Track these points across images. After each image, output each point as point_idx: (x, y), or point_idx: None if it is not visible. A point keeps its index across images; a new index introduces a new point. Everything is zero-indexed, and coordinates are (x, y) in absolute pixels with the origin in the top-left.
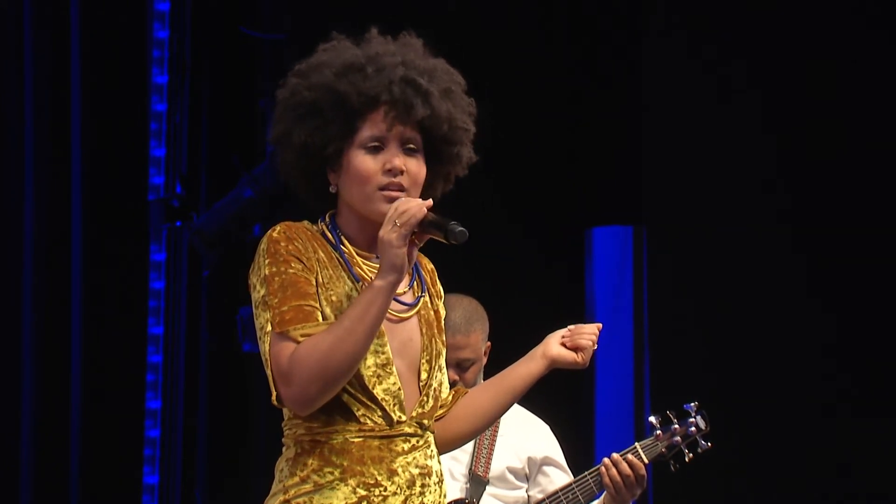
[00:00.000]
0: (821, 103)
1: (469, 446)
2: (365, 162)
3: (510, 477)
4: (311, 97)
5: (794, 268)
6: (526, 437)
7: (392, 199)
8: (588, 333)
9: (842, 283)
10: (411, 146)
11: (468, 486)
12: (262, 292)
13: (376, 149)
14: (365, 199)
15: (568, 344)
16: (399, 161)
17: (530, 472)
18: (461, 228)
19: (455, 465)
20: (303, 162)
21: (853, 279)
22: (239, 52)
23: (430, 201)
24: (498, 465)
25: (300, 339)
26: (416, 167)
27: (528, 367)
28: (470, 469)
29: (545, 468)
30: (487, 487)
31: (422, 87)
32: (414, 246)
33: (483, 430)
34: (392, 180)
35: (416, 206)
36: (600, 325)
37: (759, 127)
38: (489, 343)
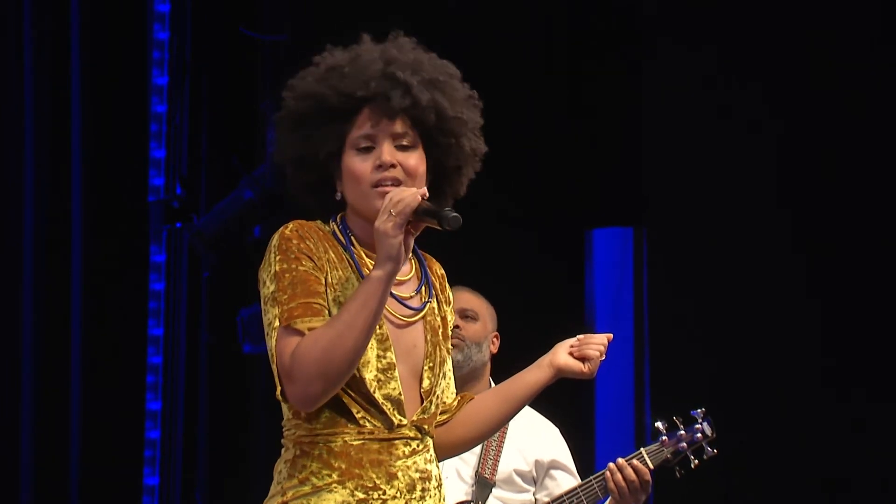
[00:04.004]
0: (820, 103)
1: (477, 447)
2: (356, 162)
3: (517, 479)
4: (297, 107)
5: (794, 268)
6: (534, 440)
7: (386, 194)
8: (597, 344)
9: (842, 282)
10: (404, 143)
11: (474, 487)
12: (272, 288)
13: (368, 149)
14: (362, 197)
15: (576, 354)
16: (388, 155)
17: (538, 476)
18: (454, 214)
19: (462, 466)
20: (302, 174)
21: (853, 279)
22: (239, 52)
23: (424, 190)
24: (505, 468)
25: (306, 331)
26: (412, 161)
27: (534, 376)
28: (476, 471)
29: (553, 471)
30: (493, 490)
31: (399, 79)
32: (410, 235)
33: (488, 436)
34: (384, 175)
35: (410, 195)
36: (611, 335)
37: (759, 128)
38: (497, 334)
